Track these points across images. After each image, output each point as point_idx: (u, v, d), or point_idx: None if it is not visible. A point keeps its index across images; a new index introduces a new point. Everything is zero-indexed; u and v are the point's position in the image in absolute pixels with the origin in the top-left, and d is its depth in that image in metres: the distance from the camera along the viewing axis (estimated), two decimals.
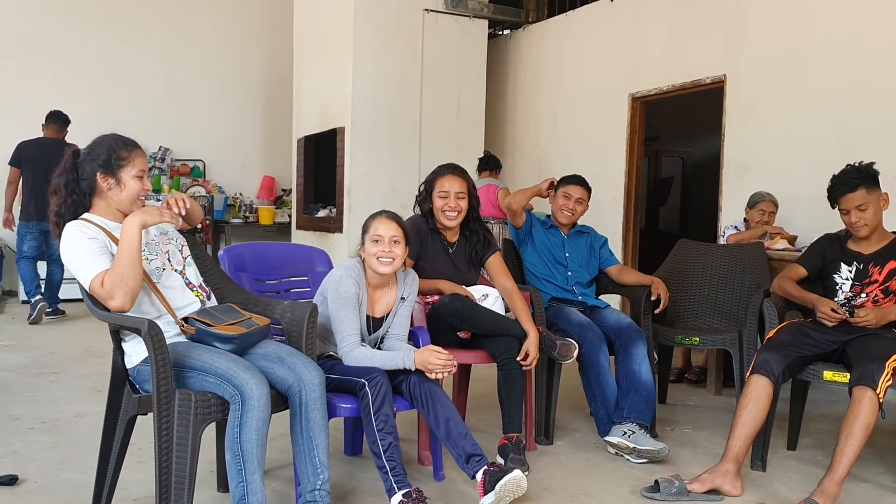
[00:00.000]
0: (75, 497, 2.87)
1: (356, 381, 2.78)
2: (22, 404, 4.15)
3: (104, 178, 2.56)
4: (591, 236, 4.22)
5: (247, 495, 2.34)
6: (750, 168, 5.77)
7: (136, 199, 2.60)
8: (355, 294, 2.99)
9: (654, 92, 6.63)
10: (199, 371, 2.43)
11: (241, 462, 2.36)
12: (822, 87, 5.24)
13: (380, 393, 2.73)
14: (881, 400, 2.90)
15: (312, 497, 2.50)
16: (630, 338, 3.69)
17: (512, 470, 2.72)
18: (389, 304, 3.17)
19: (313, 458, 2.51)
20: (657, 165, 9.89)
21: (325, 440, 2.54)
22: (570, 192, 4.07)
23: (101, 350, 5.58)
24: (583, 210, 4.12)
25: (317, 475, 2.50)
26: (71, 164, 2.59)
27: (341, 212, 7.76)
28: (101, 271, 2.42)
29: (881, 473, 3.37)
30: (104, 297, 2.40)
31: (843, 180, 3.29)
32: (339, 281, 3.00)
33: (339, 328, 2.95)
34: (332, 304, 2.98)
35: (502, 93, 8.61)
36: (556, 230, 4.12)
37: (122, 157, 2.57)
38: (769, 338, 3.34)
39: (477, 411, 4.07)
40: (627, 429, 3.46)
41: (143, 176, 2.61)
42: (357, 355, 2.92)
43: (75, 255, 2.45)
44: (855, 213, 3.28)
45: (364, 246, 3.07)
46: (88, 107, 8.66)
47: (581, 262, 4.10)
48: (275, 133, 9.95)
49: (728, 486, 3.02)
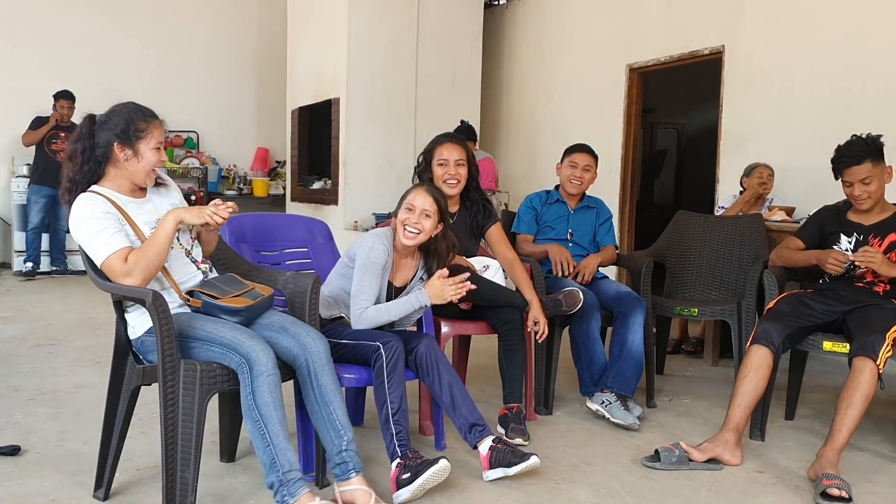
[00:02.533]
0: (78, 467, 2.88)
1: (370, 345, 2.79)
2: (21, 375, 4.14)
3: (122, 148, 2.50)
4: (599, 211, 4.16)
5: (277, 457, 2.31)
6: (748, 140, 5.75)
7: (151, 170, 2.56)
8: (383, 262, 3.00)
9: (652, 63, 6.58)
10: (203, 341, 2.43)
11: (264, 427, 2.32)
12: (822, 58, 5.21)
13: (394, 356, 2.76)
14: (881, 371, 2.92)
15: (341, 458, 2.49)
16: (630, 305, 3.70)
17: (529, 457, 2.76)
18: (409, 276, 3.18)
19: (333, 421, 2.49)
20: (652, 138, 9.87)
21: (340, 402, 2.53)
22: (577, 161, 4.03)
23: (98, 321, 5.57)
24: (591, 178, 4.06)
25: (340, 437, 2.49)
26: (88, 130, 2.53)
27: (336, 184, 7.71)
28: (122, 248, 2.40)
29: (879, 442, 3.40)
30: (121, 273, 2.38)
31: (850, 152, 3.27)
32: (371, 246, 2.99)
33: (359, 291, 2.95)
34: (359, 267, 2.97)
35: (498, 63, 8.54)
36: (562, 205, 4.08)
37: (140, 128, 2.51)
38: (769, 308, 3.36)
39: (477, 382, 4.09)
40: (606, 398, 3.52)
41: (160, 147, 2.56)
42: (370, 315, 2.93)
43: (89, 229, 2.42)
44: (859, 187, 3.27)
45: (398, 212, 3.09)
46: (80, 78, 8.58)
47: (585, 239, 4.07)
48: (269, 104, 9.86)
49: (728, 456, 3.04)
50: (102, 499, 2.60)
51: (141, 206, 2.59)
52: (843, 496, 2.66)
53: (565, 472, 2.97)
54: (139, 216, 2.54)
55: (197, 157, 9.46)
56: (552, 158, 4.45)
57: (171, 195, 2.72)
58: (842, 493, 2.66)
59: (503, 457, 2.79)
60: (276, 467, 2.31)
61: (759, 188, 4.91)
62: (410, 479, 2.58)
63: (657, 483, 2.88)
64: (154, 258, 2.42)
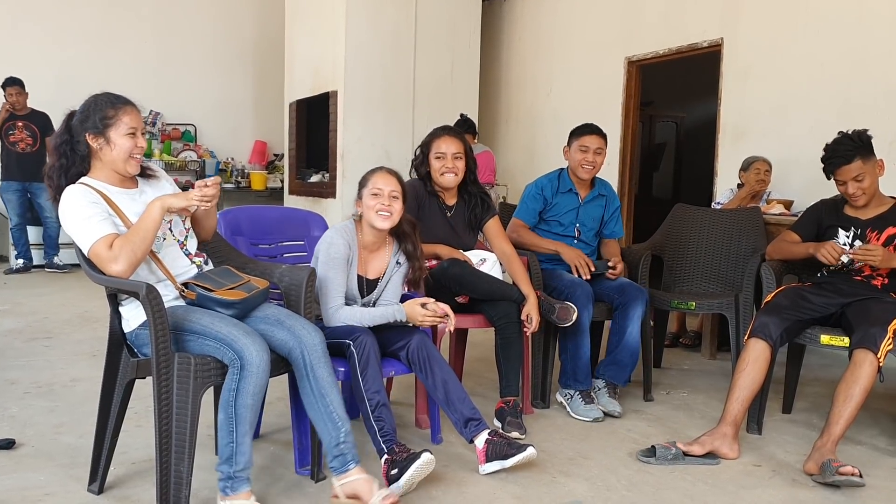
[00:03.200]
0: (74, 460, 2.87)
1: (342, 342, 2.78)
2: (17, 369, 4.14)
3: (94, 138, 2.51)
4: (608, 200, 4.03)
5: (235, 455, 2.36)
6: (746, 132, 5.74)
7: (128, 157, 2.54)
8: (345, 255, 2.96)
9: (650, 55, 6.57)
10: (198, 335, 2.42)
11: (234, 425, 2.36)
12: (821, 51, 5.20)
13: (364, 351, 2.73)
14: (881, 364, 2.91)
15: (339, 451, 2.49)
16: (631, 296, 3.67)
17: (525, 448, 2.77)
18: (383, 266, 3.15)
19: (330, 413, 2.50)
20: (651, 130, 9.85)
21: (337, 395, 2.53)
22: (588, 144, 3.84)
23: (95, 315, 5.57)
24: (602, 161, 3.90)
25: (338, 429, 2.49)
26: (65, 125, 2.55)
27: (334, 177, 7.71)
28: (107, 235, 2.39)
29: (876, 436, 3.40)
30: (107, 260, 2.37)
31: (838, 152, 3.25)
32: (330, 241, 2.97)
33: (326, 290, 2.92)
34: (321, 266, 2.95)
35: (496, 56, 8.52)
36: (573, 196, 3.94)
37: (108, 115, 2.50)
38: (767, 302, 3.35)
39: (473, 375, 4.08)
40: (569, 392, 3.60)
41: (135, 133, 2.54)
42: (343, 316, 2.90)
43: (77, 218, 2.41)
44: (852, 185, 3.27)
45: (362, 200, 3.03)
46: (78, 70, 8.57)
47: (590, 234, 4.00)
48: (266, 97, 9.83)
49: (725, 449, 3.04)
50: (97, 493, 2.59)
51: (133, 196, 2.58)
52: (854, 473, 2.68)
53: (562, 466, 2.97)
54: (130, 207, 2.53)
55: (195, 150, 9.44)
56: (551, 151, 4.43)
57: (164, 187, 2.71)
58: (854, 470, 2.69)
59: (499, 449, 2.78)
60: (231, 462, 2.37)
61: (756, 185, 4.90)
62: (398, 475, 2.57)
63: (654, 477, 2.88)
64: (140, 244, 2.40)
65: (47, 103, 7.82)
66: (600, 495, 2.71)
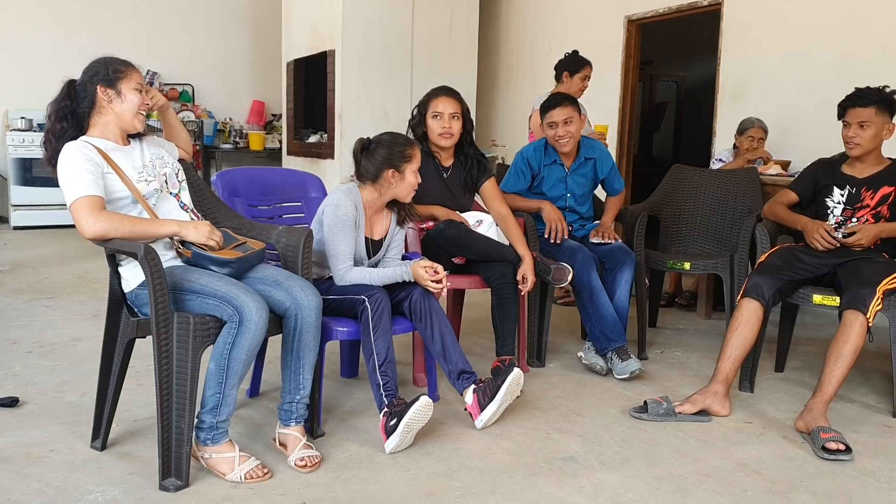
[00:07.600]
0: (77, 418, 2.92)
1: (356, 298, 2.83)
2: (19, 329, 4.18)
3: (104, 90, 2.56)
4: (599, 159, 4.01)
5: (220, 405, 2.44)
6: (746, 93, 5.71)
7: (137, 112, 2.61)
8: (353, 217, 3.00)
9: (650, 14, 6.50)
10: (197, 294, 2.45)
11: (224, 377, 2.43)
12: (821, 9, 5.15)
13: (379, 308, 2.79)
14: (870, 324, 2.95)
15: (290, 407, 2.63)
16: (619, 261, 3.70)
17: (511, 370, 2.88)
18: (387, 226, 3.19)
19: (298, 375, 2.63)
20: (651, 90, 9.78)
21: (311, 361, 2.64)
22: (554, 119, 3.82)
23: (95, 276, 5.60)
24: (578, 127, 3.85)
25: (298, 390, 2.63)
26: (65, 92, 2.60)
27: (332, 137, 7.67)
28: (94, 195, 2.41)
29: (866, 394, 3.45)
30: (85, 220, 2.39)
31: (861, 94, 3.29)
32: (337, 204, 3.00)
33: (335, 251, 2.96)
34: (328, 228, 2.98)
35: (496, 14, 8.43)
36: (558, 167, 3.96)
37: (119, 69, 2.60)
38: (760, 262, 3.37)
39: (470, 335, 4.13)
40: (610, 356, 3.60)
41: (141, 90, 2.62)
42: (353, 277, 2.95)
43: (72, 171, 2.44)
44: (854, 129, 3.28)
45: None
46: (74, 30, 8.49)
47: (581, 197, 4.02)
48: (264, 57, 9.75)
49: (717, 407, 3.09)
50: (100, 449, 2.65)
51: (128, 153, 2.62)
52: (840, 448, 2.72)
53: (556, 423, 3.02)
54: (126, 161, 2.57)
55: (192, 110, 9.39)
56: None
57: (160, 145, 2.78)
58: (839, 445, 2.73)
59: (488, 391, 2.86)
60: (215, 412, 2.45)
61: (747, 154, 4.91)
62: (396, 423, 2.64)
63: (646, 433, 2.93)
64: (126, 231, 2.42)
65: (43, 62, 7.79)
66: (593, 451, 2.76)
